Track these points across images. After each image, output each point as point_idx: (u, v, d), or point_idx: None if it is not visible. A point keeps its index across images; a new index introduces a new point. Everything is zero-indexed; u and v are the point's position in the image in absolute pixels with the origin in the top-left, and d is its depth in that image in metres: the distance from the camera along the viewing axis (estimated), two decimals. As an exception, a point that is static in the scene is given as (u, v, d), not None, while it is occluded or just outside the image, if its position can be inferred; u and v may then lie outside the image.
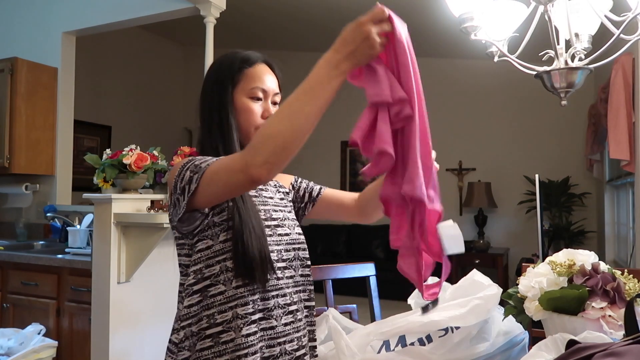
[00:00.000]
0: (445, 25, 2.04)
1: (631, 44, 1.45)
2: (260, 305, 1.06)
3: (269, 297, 1.07)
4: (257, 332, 1.04)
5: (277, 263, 1.09)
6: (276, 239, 1.11)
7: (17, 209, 3.70)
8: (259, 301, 1.06)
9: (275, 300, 1.08)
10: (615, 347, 0.80)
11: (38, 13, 3.81)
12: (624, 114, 2.98)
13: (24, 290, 2.77)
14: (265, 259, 1.04)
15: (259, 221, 1.07)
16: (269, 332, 1.06)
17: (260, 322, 1.05)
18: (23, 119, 3.45)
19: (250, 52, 1.17)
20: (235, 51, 1.18)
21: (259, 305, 1.06)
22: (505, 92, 5.57)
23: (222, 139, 1.11)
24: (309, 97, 0.84)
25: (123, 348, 2.29)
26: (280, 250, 1.11)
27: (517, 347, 1.25)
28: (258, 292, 1.06)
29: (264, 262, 1.04)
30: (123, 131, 5.68)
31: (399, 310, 1.35)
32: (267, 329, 1.06)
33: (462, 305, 1.18)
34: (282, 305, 1.09)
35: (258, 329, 1.05)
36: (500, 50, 1.58)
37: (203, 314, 1.04)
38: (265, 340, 1.06)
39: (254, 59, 1.15)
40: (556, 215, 5.16)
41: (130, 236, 2.30)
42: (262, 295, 1.06)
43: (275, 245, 1.10)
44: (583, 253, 1.23)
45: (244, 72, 1.13)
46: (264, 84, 1.14)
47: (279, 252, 1.10)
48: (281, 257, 1.11)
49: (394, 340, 1.24)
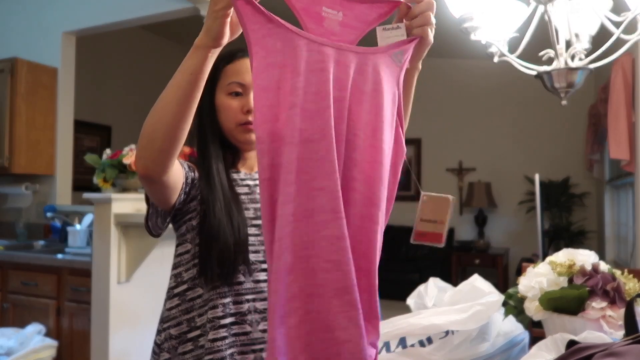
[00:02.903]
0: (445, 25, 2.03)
1: (631, 44, 1.45)
2: (233, 309, 1.02)
3: (243, 300, 1.02)
4: (226, 337, 1.00)
5: (262, 264, 1.04)
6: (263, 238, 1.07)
7: (17, 209, 3.69)
8: (231, 305, 1.02)
9: (251, 305, 1.03)
10: (615, 347, 0.80)
11: (38, 13, 3.81)
12: (624, 114, 2.98)
13: (24, 290, 2.77)
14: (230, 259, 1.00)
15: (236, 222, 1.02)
16: (241, 338, 1.02)
17: (232, 327, 1.01)
18: (23, 119, 3.45)
19: (235, 49, 1.12)
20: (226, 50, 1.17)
21: (231, 309, 1.02)
22: (505, 92, 5.57)
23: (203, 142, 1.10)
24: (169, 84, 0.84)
25: (123, 348, 2.29)
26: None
27: (517, 347, 1.25)
28: (230, 296, 1.02)
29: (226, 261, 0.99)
30: (123, 131, 5.67)
31: (399, 311, 1.35)
32: (239, 334, 1.02)
33: (464, 310, 1.18)
34: (259, 310, 1.03)
35: (229, 334, 1.01)
36: (500, 50, 1.58)
37: (183, 317, 1.04)
38: (238, 346, 1.01)
39: (235, 54, 1.11)
40: (556, 215, 5.16)
41: (130, 236, 2.30)
42: (234, 298, 1.02)
43: (262, 245, 1.05)
44: (583, 253, 1.23)
45: (223, 69, 1.11)
46: (242, 77, 1.09)
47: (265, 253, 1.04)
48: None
49: (394, 342, 1.24)
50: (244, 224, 1.04)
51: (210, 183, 1.05)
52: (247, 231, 1.04)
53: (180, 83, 0.82)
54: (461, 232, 5.85)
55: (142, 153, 0.86)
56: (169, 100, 0.83)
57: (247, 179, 1.13)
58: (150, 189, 0.97)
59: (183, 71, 0.82)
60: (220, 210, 1.01)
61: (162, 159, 0.86)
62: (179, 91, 0.82)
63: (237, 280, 1.03)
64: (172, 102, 0.83)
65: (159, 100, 0.84)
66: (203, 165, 1.08)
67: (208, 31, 0.79)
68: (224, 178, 1.07)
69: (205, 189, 1.05)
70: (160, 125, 0.83)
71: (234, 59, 1.11)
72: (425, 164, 6.10)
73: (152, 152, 0.85)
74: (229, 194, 1.05)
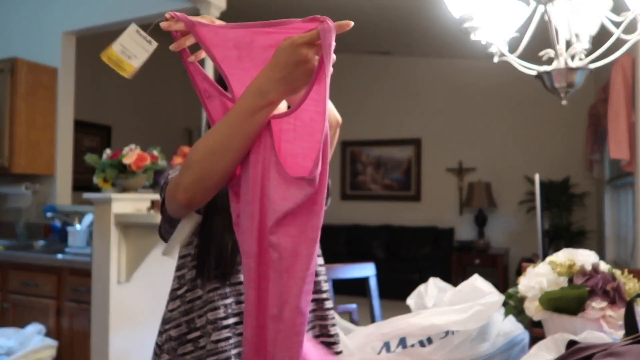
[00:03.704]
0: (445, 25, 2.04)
1: (631, 44, 1.45)
2: (236, 309, 1.02)
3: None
4: (230, 337, 1.00)
5: None
6: None
7: (17, 209, 3.69)
8: (234, 305, 1.02)
9: None
10: (615, 347, 0.80)
11: (38, 13, 3.81)
12: (624, 114, 2.98)
13: (24, 290, 2.77)
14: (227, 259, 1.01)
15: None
16: None
17: (237, 327, 1.01)
18: (23, 119, 3.45)
19: None
20: None
21: (233, 309, 1.02)
22: (505, 92, 5.58)
23: None
24: (232, 131, 0.76)
25: (123, 348, 2.29)
26: None
27: (517, 347, 1.25)
28: (232, 296, 1.02)
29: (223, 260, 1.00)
30: (123, 131, 5.68)
31: (399, 311, 1.35)
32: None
33: (464, 310, 1.18)
34: None
35: (233, 334, 1.01)
36: (500, 50, 1.58)
37: (182, 319, 1.04)
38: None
39: None
40: (556, 215, 5.16)
41: (130, 236, 2.30)
42: (237, 298, 1.03)
43: None
44: (583, 253, 1.23)
45: None
46: None
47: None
48: None
49: (394, 342, 1.24)
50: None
51: None
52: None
53: (246, 133, 0.76)
54: (461, 232, 5.86)
55: (192, 187, 0.81)
56: (232, 147, 0.77)
57: None
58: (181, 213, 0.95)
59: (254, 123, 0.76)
60: (221, 210, 1.02)
61: (210, 194, 0.83)
62: (246, 140, 0.77)
63: (238, 280, 1.04)
64: (234, 149, 0.77)
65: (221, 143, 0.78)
66: None
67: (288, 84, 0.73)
68: None
69: None
70: (219, 169, 0.79)
71: None
72: (425, 164, 6.11)
73: (204, 189, 0.81)
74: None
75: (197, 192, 0.81)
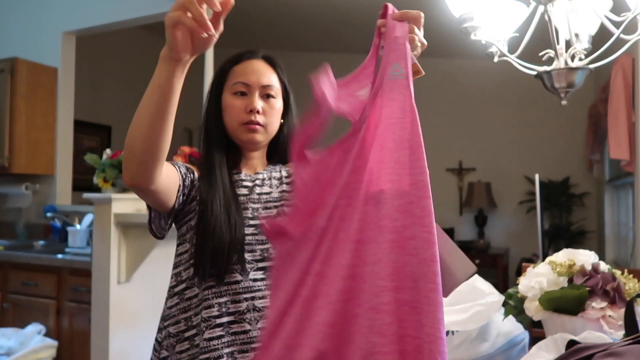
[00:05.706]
0: (445, 25, 2.04)
1: (631, 44, 1.45)
2: (231, 308, 1.02)
3: (241, 299, 1.02)
4: (223, 336, 1.01)
5: (259, 263, 1.05)
6: (261, 237, 1.06)
7: (17, 209, 3.69)
8: (229, 304, 1.02)
9: (250, 303, 1.03)
10: (615, 347, 0.80)
11: (38, 13, 3.81)
12: (624, 114, 2.98)
13: (24, 290, 2.77)
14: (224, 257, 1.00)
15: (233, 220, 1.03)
16: (241, 337, 1.02)
17: (231, 326, 1.02)
18: (23, 119, 3.45)
19: (245, 50, 1.15)
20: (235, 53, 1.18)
21: (228, 308, 1.02)
22: (505, 92, 5.57)
23: (208, 141, 1.12)
24: (143, 97, 0.84)
25: (123, 348, 2.29)
26: (264, 249, 1.06)
27: (517, 347, 1.25)
28: (227, 295, 1.02)
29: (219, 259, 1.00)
30: (123, 131, 5.59)
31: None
32: (238, 333, 1.02)
33: (464, 311, 1.18)
34: (258, 308, 1.03)
35: (226, 333, 1.01)
36: (500, 50, 1.58)
37: (180, 316, 1.05)
38: (237, 344, 1.02)
39: (244, 55, 1.14)
40: (556, 215, 5.16)
41: (130, 236, 2.30)
42: (232, 297, 1.02)
43: (259, 244, 1.06)
44: (583, 253, 1.23)
45: (231, 70, 1.13)
46: (247, 77, 1.11)
47: (262, 252, 1.05)
48: (265, 257, 1.06)
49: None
50: (242, 224, 1.04)
51: (211, 182, 1.06)
52: (244, 231, 1.04)
53: (152, 96, 0.82)
54: (461, 232, 5.85)
55: (125, 164, 0.87)
56: (142, 113, 0.83)
57: (246, 179, 1.14)
58: (142, 197, 0.98)
59: (152, 84, 0.82)
60: (219, 208, 1.03)
61: (143, 170, 0.86)
62: (151, 104, 0.82)
63: (233, 279, 1.03)
64: (145, 115, 0.83)
65: (136, 112, 0.84)
66: (205, 165, 1.09)
67: (166, 43, 0.78)
68: (225, 177, 1.08)
69: (205, 188, 1.06)
70: (137, 138, 0.84)
71: (241, 60, 1.14)
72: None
73: (133, 164, 0.86)
74: (230, 193, 1.06)
75: (131, 170, 0.86)
